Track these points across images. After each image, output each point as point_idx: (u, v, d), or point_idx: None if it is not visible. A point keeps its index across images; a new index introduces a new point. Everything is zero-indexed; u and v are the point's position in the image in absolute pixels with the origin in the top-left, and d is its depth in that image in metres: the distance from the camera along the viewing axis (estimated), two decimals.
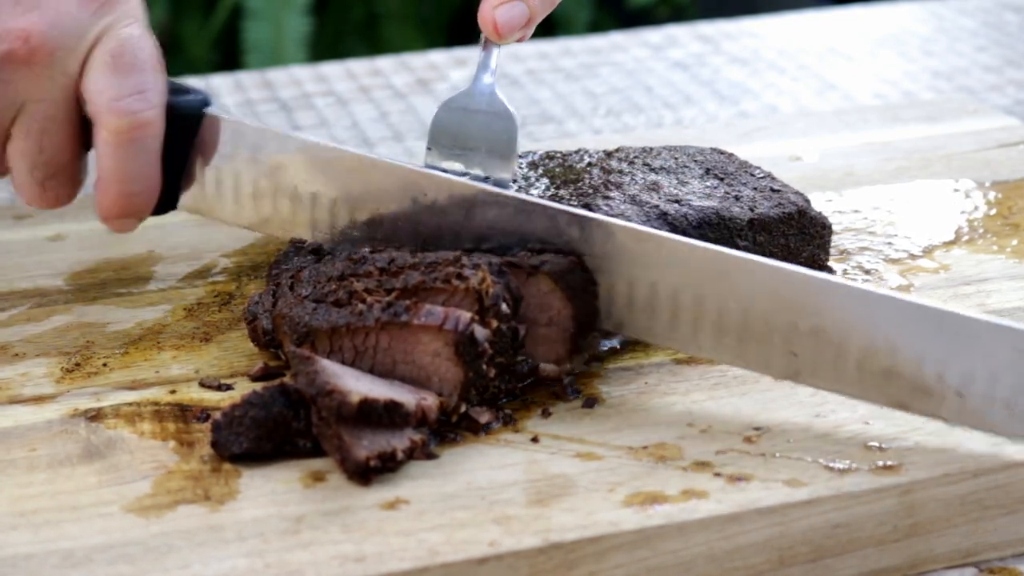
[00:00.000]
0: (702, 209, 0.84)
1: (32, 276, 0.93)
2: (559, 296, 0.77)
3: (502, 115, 0.83)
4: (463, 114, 0.83)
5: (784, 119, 1.20)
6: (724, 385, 0.78)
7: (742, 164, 0.91)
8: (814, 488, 0.68)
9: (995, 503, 0.70)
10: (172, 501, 0.69)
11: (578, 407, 0.76)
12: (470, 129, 0.83)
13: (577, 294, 0.77)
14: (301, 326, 0.75)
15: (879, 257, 0.92)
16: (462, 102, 0.84)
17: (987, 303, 0.86)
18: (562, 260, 0.77)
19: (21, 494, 0.70)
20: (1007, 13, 1.58)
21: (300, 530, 0.66)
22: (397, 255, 0.78)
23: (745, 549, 0.67)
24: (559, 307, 0.77)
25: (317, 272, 0.78)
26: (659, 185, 0.87)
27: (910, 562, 0.69)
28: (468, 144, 0.83)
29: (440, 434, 0.73)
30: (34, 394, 0.79)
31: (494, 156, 0.83)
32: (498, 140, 0.83)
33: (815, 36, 1.52)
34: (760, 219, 0.86)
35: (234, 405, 0.71)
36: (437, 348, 0.73)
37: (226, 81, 1.42)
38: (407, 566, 0.64)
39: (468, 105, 0.83)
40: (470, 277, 0.74)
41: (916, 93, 1.34)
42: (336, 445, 0.69)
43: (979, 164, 1.07)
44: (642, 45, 1.51)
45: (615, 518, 0.66)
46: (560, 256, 0.77)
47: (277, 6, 2.20)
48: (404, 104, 1.34)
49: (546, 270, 0.76)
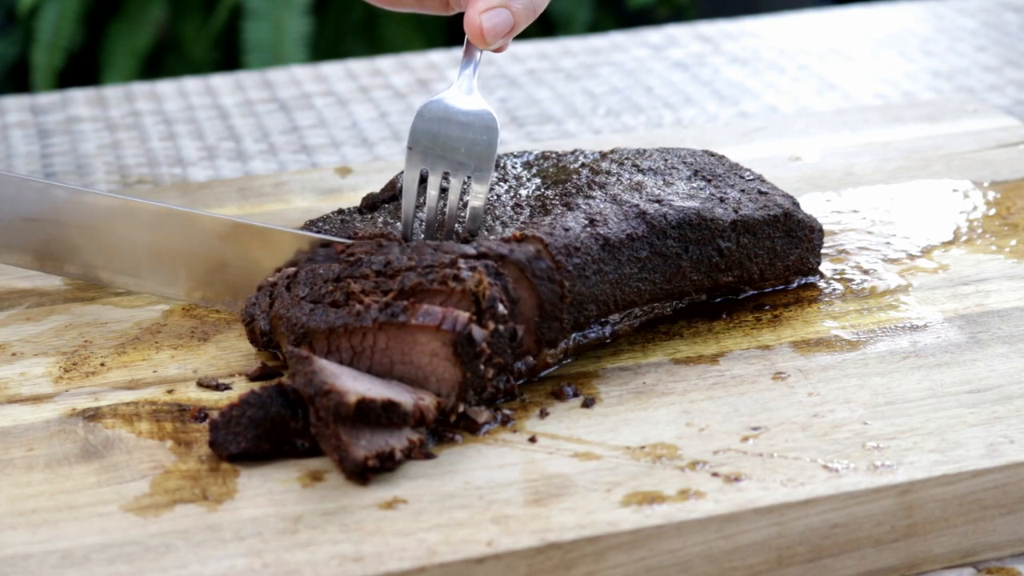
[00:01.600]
0: (683, 209, 0.84)
1: (30, 276, 0.93)
2: (525, 285, 0.77)
3: (482, 117, 0.84)
4: (444, 116, 0.84)
5: (784, 119, 1.20)
6: (722, 385, 0.78)
7: (733, 166, 0.91)
8: (812, 488, 0.68)
9: (994, 503, 0.70)
10: (170, 500, 0.69)
11: (576, 407, 0.76)
12: (450, 130, 0.84)
13: (542, 283, 0.77)
14: (298, 327, 0.75)
15: (878, 257, 0.92)
16: (443, 104, 0.85)
17: (986, 303, 0.86)
18: (528, 249, 0.77)
19: (19, 494, 0.70)
20: (1007, 13, 1.58)
21: (298, 530, 0.66)
22: (393, 257, 0.78)
23: (743, 549, 0.67)
24: (525, 296, 0.77)
25: (313, 273, 0.78)
26: (643, 185, 0.86)
27: (908, 562, 0.69)
28: (448, 145, 0.84)
29: (438, 434, 0.73)
30: (32, 394, 0.79)
31: (473, 157, 0.84)
32: (478, 141, 0.84)
33: (815, 36, 1.52)
34: (744, 221, 0.85)
35: (232, 405, 0.71)
36: (435, 348, 0.73)
37: (226, 81, 1.42)
38: (405, 566, 0.64)
39: (449, 107, 0.84)
40: (467, 279, 0.74)
41: (916, 93, 1.34)
42: (334, 445, 0.69)
43: (979, 164, 1.07)
44: (642, 45, 1.51)
45: (613, 518, 0.66)
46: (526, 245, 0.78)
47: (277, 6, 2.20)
48: (404, 104, 1.34)
49: (513, 259, 0.76)
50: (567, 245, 0.79)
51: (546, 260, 0.77)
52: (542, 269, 0.77)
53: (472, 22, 0.84)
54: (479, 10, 0.84)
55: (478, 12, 0.84)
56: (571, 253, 0.79)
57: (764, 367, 0.79)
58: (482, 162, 0.83)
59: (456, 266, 0.75)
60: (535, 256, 0.77)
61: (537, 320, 0.77)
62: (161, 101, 1.35)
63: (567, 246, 0.79)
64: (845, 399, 0.75)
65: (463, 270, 0.75)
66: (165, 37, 2.39)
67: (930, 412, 0.74)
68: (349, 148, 1.25)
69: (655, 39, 1.52)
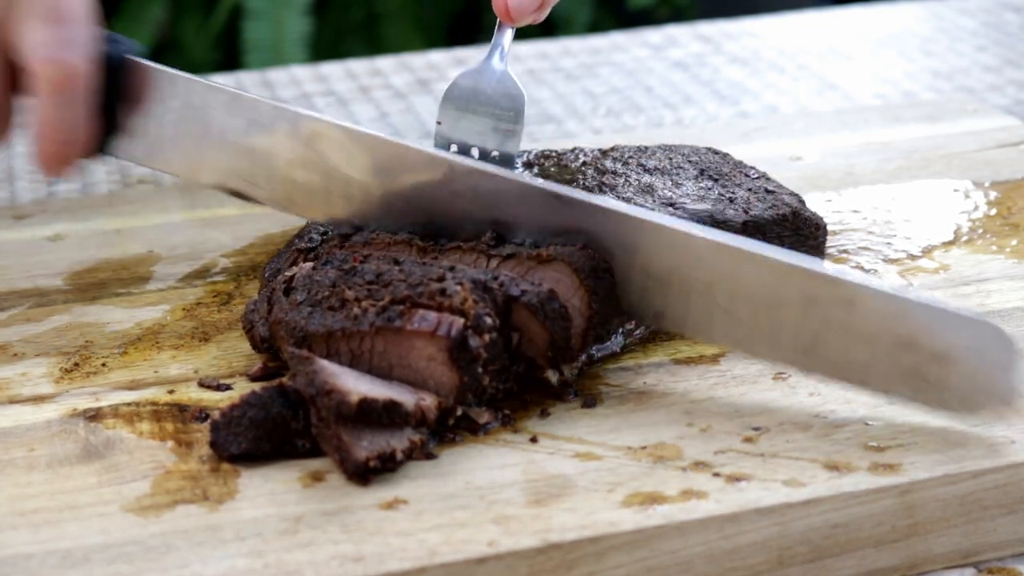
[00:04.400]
0: (696, 212, 0.84)
1: (31, 276, 0.93)
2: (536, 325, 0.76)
3: (512, 92, 0.86)
4: (474, 89, 0.86)
5: (784, 119, 1.20)
6: (723, 385, 0.78)
7: (737, 164, 0.91)
8: (813, 488, 0.68)
9: (995, 503, 0.70)
10: (171, 501, 0.69)
11: (577, 407, 0.76)
12: (479, 104, 0.86)
13: (597, 289, 0.77)
14: (298, 331, 0.75)
15: (878, 257, 0.92)
16: (474, 78, 0.87)
17: (987, 303, 0.86)
18: (581, 253, 0.77)
19: (20, 494, 0.70)
20: (1007, 13, 1.58)
21: (299, 530, 0.66)
22: (385, 268, 0.77)
23: (744, 549, 0.67)
24: (537, 331, 0.76)
25: (310, 279, 0.78)
26: (653, 187, 0.86)
27: (909, 562, 0.69)
28: (477, 117, 0.86)
29: (439, 434, 0.73)
30: (33, 394, 0.79)
31: (500, 131, 0.86)
32: (505, 116, 0.86)
33: (815, 36, 1.52)
34: (754, 221, 0.86)
35: (233, 405, 0.71)
36: (431, 353, 0.73)
37: (226, 81, 1.42)
38: (406, 566, 0.64)
39: (479, 81, 0.87)
40: (453, 296, 0.74)
41: (916, 93, 1.34)
42: (335, 445, 0.69)
43: (979, 164, 1.07)
44: (642, 45, 1.51)
45: (614, 518, 0.66)
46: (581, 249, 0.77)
47: (277, 6, 2.20)
48: (404, 104, 1.34)
49: (524, 301, 0.75)
50: (593, 268, 0.77)
51: (558, 301, 0.76)
52: (554, 310, 0.76)
53: (497, 1, 0.86)
54: None
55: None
56: (598, 276, 0.77)
57: (765, 367, 0.79)
58: (510, 137, 0.85)
59: (443, 280, 0.75)
60: (548, 298, 0.75)
61: (549, 355, 0.76)
62: None
63: (594, 268, 0.77)
64: (846, 399, 0.75)
65: (450, 285, 0.74)
66: (165, 37, 2.39)
67: (931, 412, 0.74)
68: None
69: (655, 39, 1.52)
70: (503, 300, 0.75)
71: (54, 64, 0.80)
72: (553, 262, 0.77)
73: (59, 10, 0.80)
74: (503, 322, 0.75)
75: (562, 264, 0.77)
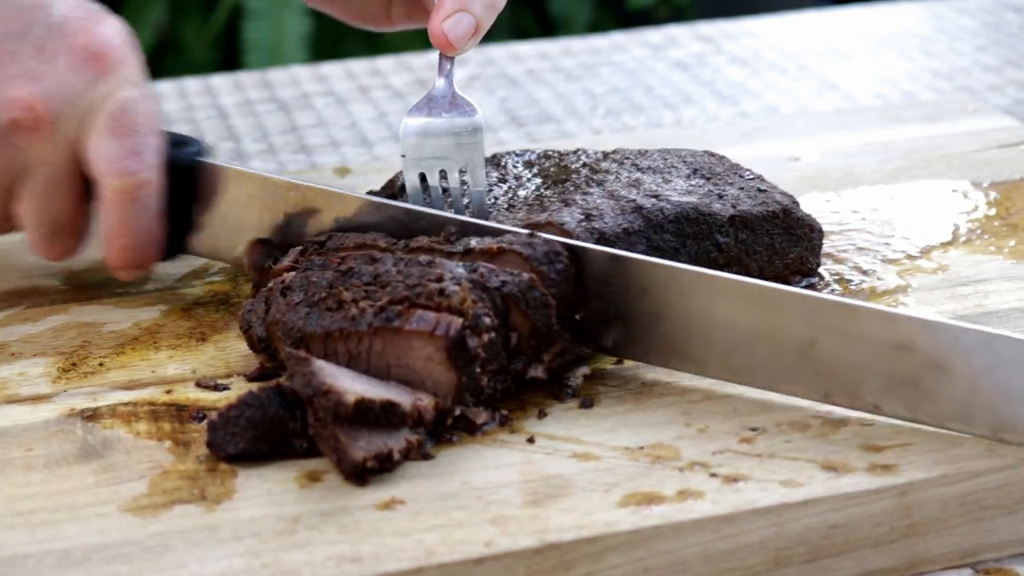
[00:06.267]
0: (680, 204, 0.84)
1: (29, 276, 0.93)
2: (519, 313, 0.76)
3: (465, 109, 0.86)
4: (428, 119, 0.86)
5: (784, 119, 1.20)
6: (720, 385, 0.77)
7: (733, 166, 0.91)
8: (811, 488, 0.68)
9: (994, 503, 0.70)
10: (168, 501, 0.69)
11: (574, 407, 0.76)
12: (438, 132, 0.86)
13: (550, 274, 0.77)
14: (295, 331, 0.75)
15: (877, 257, 0.92)
16: (424, 110, 0.87)
17: (984, 304, 0.86)
18: (531, 240, 0.78)
19: (18, 494, 0.70)
20: (1007, 13, 1.58)
21: (296, 530, 0.66)
22: (383, 270, 0.77)
23: (741, 550, 0.67)
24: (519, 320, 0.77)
25: (307, 280, 0.78)
26: (640, 182, 0.86)
27: (907, 563, 0.69)
28: (439, 147, 0.86)
29: (436, 435, 0.73)
30: (31, 394, 0.79)
31: (462, 146, 0.86)
32: (464, 140, 0.86)
33: (815, 36, 1.52)
34: (742, 216, 0.85)
35: (230, 405, 0.71)
36: (429, 353, 0.73)
37: (226, 81, 1.42)
38: (403, 566, 0.64)
39: (431, 111, 0.87)
40: (451, 296, 0.74)
41: (916, 93, 1.34)
42: (332, 445, 0.69)
43: (979, 164, 1.07)
44: (642, 45, 1.51)
45: (611, 518, 0.66)
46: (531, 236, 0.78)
47: (277, 6, 2.20)
48: (403, 104, 1.34)
49: (506, 292, 0.76)
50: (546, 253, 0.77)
51: (539, 290, 0.76)
52: (535, 299, 0.76)
53: (435, 33, 0.86)
54: (439, 19, 0.86)
55: (439, 22, 0.86)
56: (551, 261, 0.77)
57: None
58: (473, 155, 0.85)
59: (441, 280, 0.75)
60: (528, 286, 0.76)
61: (533, 343, 0.76)
62: (161, 101, 1.35)
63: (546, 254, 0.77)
64: None
65: (448, 285, 0.74)
66: (165, 37, 2.39)
67: None
68: (348, 148, 1.25)
69: (655, 39, 1.52)
70: (502, 300, 0.75)
71: (122, 175, 0.83)
72: (504, 253, 0.77)
73: (125, 123, 0.83)
74: (502, 322, 0.75)
75: (512, 255, 0.77)
